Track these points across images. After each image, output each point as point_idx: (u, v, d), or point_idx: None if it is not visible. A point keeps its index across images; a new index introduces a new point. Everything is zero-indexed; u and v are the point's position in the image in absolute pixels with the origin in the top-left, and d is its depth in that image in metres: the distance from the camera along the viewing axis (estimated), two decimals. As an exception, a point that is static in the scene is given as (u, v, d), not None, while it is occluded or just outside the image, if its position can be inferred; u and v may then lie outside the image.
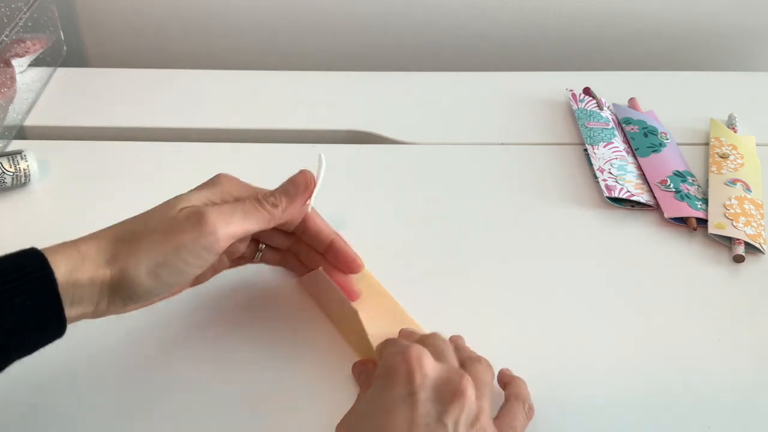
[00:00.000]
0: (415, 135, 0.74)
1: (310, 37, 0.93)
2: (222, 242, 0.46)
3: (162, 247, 0.45)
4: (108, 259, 0.44)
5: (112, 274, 0.44)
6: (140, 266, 0.44)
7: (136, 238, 0.45)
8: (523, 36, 0.92)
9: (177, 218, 0.46)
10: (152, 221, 0.46)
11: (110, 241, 0.45)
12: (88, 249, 0.44)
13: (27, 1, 0.75)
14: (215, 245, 0.46)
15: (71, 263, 0.43)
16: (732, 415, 0.50)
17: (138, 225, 0.46)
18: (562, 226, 0.63)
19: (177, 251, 0.45)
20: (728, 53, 0.94)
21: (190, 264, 0.46)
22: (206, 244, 0.45)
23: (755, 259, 0.60)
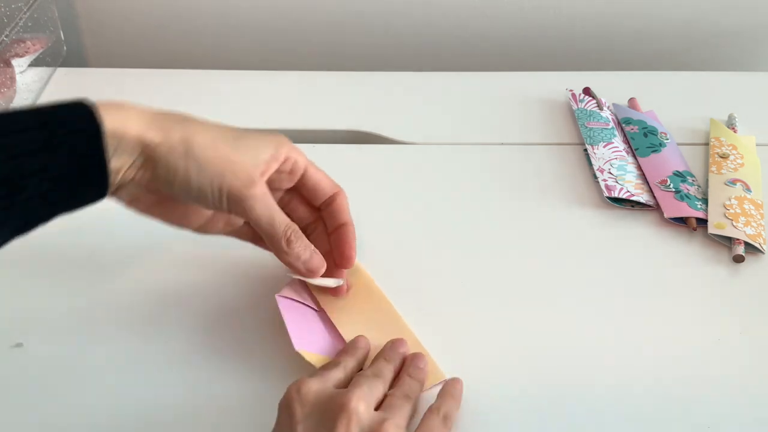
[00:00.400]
0: (415, 135, 0.74)
1: (310, 37, 0.93)
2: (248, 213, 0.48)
3: (210, 163, 0.46)
4: (160, 129, 0.45)
5: (157, 141, 0.45)
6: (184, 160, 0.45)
7: (201, 138, 0.46)
8: (523, 36, 0.92)
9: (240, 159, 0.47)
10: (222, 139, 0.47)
11: (175, 119, 0.46)
12: (150, 111, 0.46)
13: (27, 1, 0.75)
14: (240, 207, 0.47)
15: (120, 116, 0.44)
16: (732, 415, 0.50)
17: (207, 131, 0.47)
18: (562, 226, 0.63)
19: (220, 176, 0.46)
20: (728, 53, 0.94)
21: (214, 198, 0.47)
22: (239, 200, 0.47)
23: (755, 259, 0.60)
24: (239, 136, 0.49)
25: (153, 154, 0.45)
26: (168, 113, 0.47)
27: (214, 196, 0.47)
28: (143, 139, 0.45)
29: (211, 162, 0.46)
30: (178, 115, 0.48)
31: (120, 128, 0.44)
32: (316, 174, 0.54)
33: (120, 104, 0.45)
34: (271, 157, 0.50)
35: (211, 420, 0.49)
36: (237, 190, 0.47)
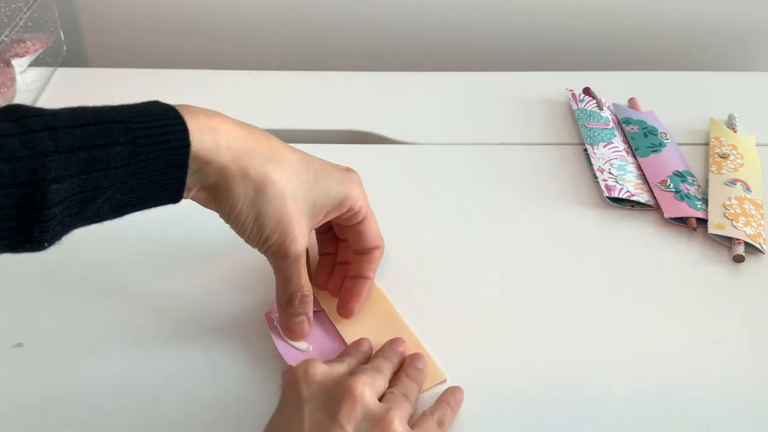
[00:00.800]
0: (415, 135, 0.74)
1: (310, 37, 0.93)
2: (275, 266, 0.50)
3: (270, 218, 0.47)
4: (241, 166, 0.46)
5: (234, 179, 0.46)
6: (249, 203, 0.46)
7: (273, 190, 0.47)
8: (523, 36, 0.92)
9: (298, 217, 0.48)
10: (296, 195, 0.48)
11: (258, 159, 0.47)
12: (237, 141, 0.46)
13: (27, 1, 0.75)
14: (271, 258, 0.50)
15: (211, 142, 0.44)
16: (732, 415, 0.50)
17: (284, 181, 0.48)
18: (562, 226, 0.63)
19: (272, 231, 0.47)
20: (728, 53, 0.94)
21: (258, 244, 0.48)
22: (275, 256, 0.49)
23: (755, 259, 0.60)
24: (315, 182, 0.49)
25: (225, 189, 0.46)
26: (258, 142, 0.47)
27: (259, 244, 0.49)
28: (223, 173, 0.45)
29: (271, 217, 0.47)
30: (266, 149, 0.47)
31: (207, 155, 0.44)
32: (369, 225, 0.54)
33: (213, 124, 0.45)
34: (336, 207, 0.51)
35: (212, 419, 0.49)
36: (279, 248, 0.48)
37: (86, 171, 0.40)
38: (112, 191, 0.42)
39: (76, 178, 0.40)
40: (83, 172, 0.40)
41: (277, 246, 0.48)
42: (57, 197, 0.39)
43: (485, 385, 0.51)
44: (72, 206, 0.41)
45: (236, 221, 0.47)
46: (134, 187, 0.43)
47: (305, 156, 0.50)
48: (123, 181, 0.42)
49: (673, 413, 0.50)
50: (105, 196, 0.42)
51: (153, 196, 0.44)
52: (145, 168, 0.42)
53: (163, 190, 0.44)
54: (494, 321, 0.55)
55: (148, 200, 0.44)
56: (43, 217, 0.39)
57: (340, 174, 0.51)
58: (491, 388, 0.51)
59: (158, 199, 0.45)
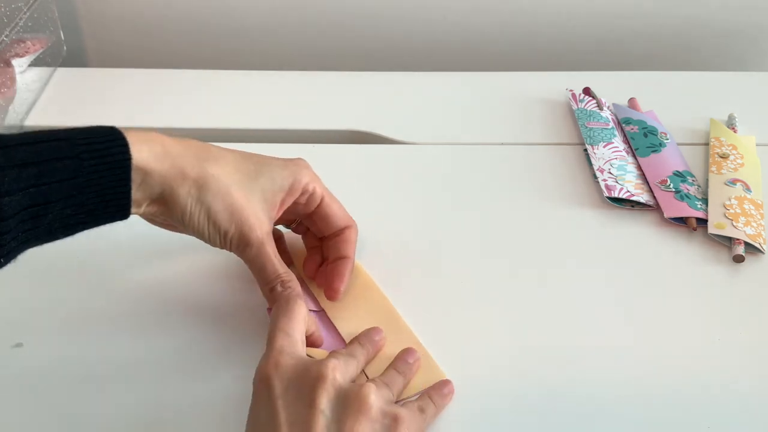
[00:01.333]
0: (415, 135, 0.74)
1: (310, 38, 0.93)
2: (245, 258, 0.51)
3: (221, 212, 0.48)
4: (178, 170, 0.47)
5: (174, 182, 0.47)
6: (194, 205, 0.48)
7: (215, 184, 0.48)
8: (523, 36, 0.92)
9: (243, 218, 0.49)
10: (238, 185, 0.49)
11: (194, 159, 0.48)
12: (173, 147, 0.48)
13: (27, 1, 0.75)
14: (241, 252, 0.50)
15: (148, 151, 0.46)
16: (732, 415, 0.50)
17: (224, 175, 0.49)
18: (562, 226, 0.63)
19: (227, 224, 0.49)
20: (728, 53, 0.94)
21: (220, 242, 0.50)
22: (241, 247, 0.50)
23: (755, 259, 0.60)
24: (257, 172, 0.51)
25: (169, 195, 0.47)
26: (190, 147, 0.49)
27: (221, 241, 0.50)
28: (164, 178, 0.47)
29: (221, 210, 0.49)
30: (200, 151, 0.49)
31: (147, 164, 0.46)
32: (331, 205, 0.54)
33: (149, 136, 0.47)
34: (288, 191, 0.52)
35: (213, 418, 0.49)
36: (240, 239, 0.50)
37: (35, 185, 0.42)
38: (62, 205, 0.44)
39: (27, 192, 0.42)
40: (33, 186, 0.42)
41: (238, 237, 0.49)
42: (10, 210, 0.41)
43: (485, 384, 0.51)
44: (25, 221, 0.42)
45: (191, 224, 0.49)
46: (83, 202, 0.44)
47: (243, 152, 0.52)
48: (71, 195, 0.44)
49: (673, 413, 0.50)
50: (55, 211, 0.43)
51: (101, 212, 0.46)
52: (90, 182, 0.44)
53: (111, 205, 0.46)
54: (494, 321, 0.55)
55: (98, 216, 0.46)
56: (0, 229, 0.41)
57: (282, 161, 0.53)
58: (491, 387, 0.51)
59: (107, 215, 0.46)
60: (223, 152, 0.51)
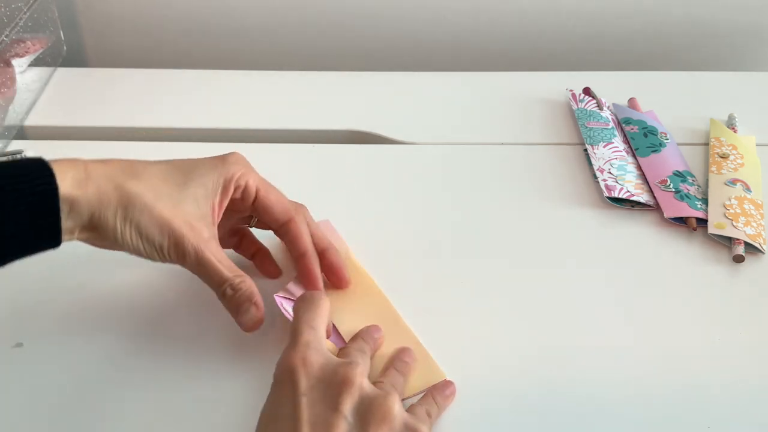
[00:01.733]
0: (415, 135, 0.74)
1: (310, 38, 0.93)
2: (189, 267, 0.50)
3: (150, 226, 0.48)
4: (100, 194, 0.46)
5: (98, 207, 0.46)
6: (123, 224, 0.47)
7: (139, 201, 0.47)
8: (523, 36, 0.92)
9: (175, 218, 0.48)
10: (163, 196, 0.48)
11: (117, 180, 0.47)
12: (96, 171, 0.47)
13: (27, 1, 0.75)
14: (182, 262, 0.49)
15: (72, 179, 0.45)
16: (732, 415, 0.50)
17: (148, 190, 0.48)
18: (562, 226, 0.63)
19: (160, 237, 0.48)
20: (728, 53, 0.94)
21: (160, 256, 0.49)
22: (180, 256, 0.49)
23: (755, 259, 0.60)
24: (186, 180, 0.50)
25: (98, 219, 0.47)
26: (114, 167, 0.48)
27: (159, 255, 0.49)
28: (89, 204, 0.46)
29: (151, 225, 0.48)
30: (123, 170, 0.48)
31: (71, 192, 0.45)
32: (267, 198, 0.53)
33: (73, 164, 0.46)
34: (221, 191, 0.51)
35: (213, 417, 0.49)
36: (176, 250, 0.49)
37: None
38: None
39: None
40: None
41: (174, 249, 0.48)
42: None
43: (485, 384, 0.51)
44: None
45: (125, 244, 0.48)
46: (12, 233, 0.44)
47: (171, 163, 0.51)
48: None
49: (673, 413, 0.50)
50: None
51: (31, 243, 0.45)
52: (16, 213, 0.43)
53: (41, 237, 0.45)
54: (494, 321, 0.55)
55: (27, 247, 0.45)
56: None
57: (212, 162, 0.51)
58: (490, 387, 0.51)
59: (37, 245, 0.46)
60: (149, 166, 0.50)
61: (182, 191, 0.49)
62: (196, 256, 0.49)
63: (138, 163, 0.49)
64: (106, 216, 0.47)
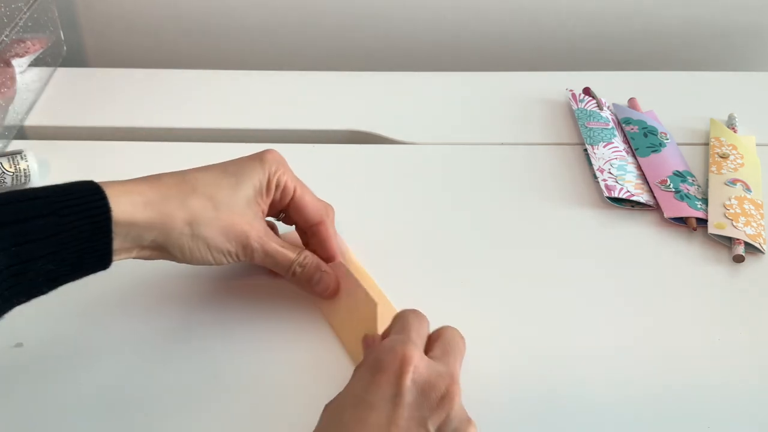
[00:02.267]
0: (415, 135, 0.74)
1: (310, 37, 0.93)
2: (256, 261, 0.52)
3: (216, 237, 0.50)
4: (167, 216, 0.48)
5: (165, 229, 0.48)
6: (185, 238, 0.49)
7: (203, 216, 0.49)
8: (523, 36, 0.92)
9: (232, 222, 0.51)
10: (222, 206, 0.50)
11: (177, 199, 0.49)
12: (153, 192, 0.48)
13: (27, 1, 0.75)
14: (250, 258, 0.52)
15: (129, 204, 0.47)
16: (732, 415, 0.50)
17: (208, 201, 0.50)
18: (562, 226, 0.63)
19: (226, 243, 0.51)
20: (728, 53, 0.94)
21: (228, 260, 0.52)
22: (248, 254, 0.52)
23: (755, 259, 0.60)
24: (237, 182, 0.52)
25: (163, 240, 0.48)
26: (168, 187, 0.49)
27: (227, 260, 0.52)
28: (152, 227, 0.48)
29: (217, 235, 0.50)
30: (179, 188, 0.50)
31: (128, 217, 0.47)
32: (302, 198, 0.55)
33: (125, 188, 0.47)
34: (266, 189, 0.53)
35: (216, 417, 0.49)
36: (244, 251, 0.51)
37: (16, 243, 0.43)
38: (43, 262, 0.44)
39: (8, 251, 0.43)
40: (14, 245, 0.43)
41: (242, 250, 0.51)
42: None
43: (484, 384, 0.51)
44: (7, 279, 0.43)
45: (193, 257, 0.50)
46: (64, 257, 0.45)
47: (217, 168, 0.52)
48: (53, 252, 0.44)
49: (673, 413, 0.50)
50: (37, 267, 0.44)
51: (84, 264, 0.46)
52: (70, 237, 0.45)
53: (93, 257, 0.46)
54: (493, 320, 0.55)
55: (80, 268, 0.46)
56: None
57: (254, 162, 0.53)
58: (490, 387, 0.51)
59: (89, 267, 0.47)
60: (199, 176, 0.51)
61: (235, 194, 0.51)
62: (262, 249, 0.52)
63: (189, 176, 0.51)
64: (171, 236, 0.48)
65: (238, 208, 0.51)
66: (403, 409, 0.41)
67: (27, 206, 0.44)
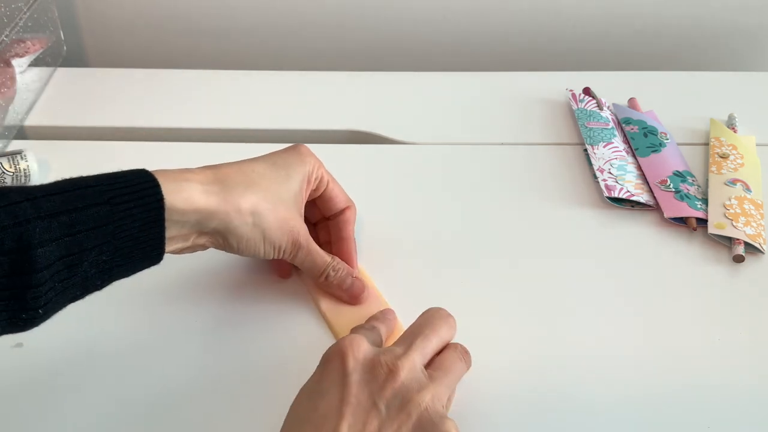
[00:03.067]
0: (415, 135, 0.74)
1: (310, 37, 0.93)
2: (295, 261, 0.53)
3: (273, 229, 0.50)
4: (230, 203, 0.48)
5: (230, 215, 0.48)
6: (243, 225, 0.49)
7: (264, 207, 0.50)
8: (523, 36, 0.92)
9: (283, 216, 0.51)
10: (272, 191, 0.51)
11: (239, 189, 0.49)
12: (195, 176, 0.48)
13: (27, 1, 0.75)
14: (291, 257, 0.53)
15: (176, 189, 0.46)
16: (732, 415, 0.50)
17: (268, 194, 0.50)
18: (561, 226, 0.63)
19: (279, 238, 0.51)
20: (728, 53, 0.94)
21: (274, 255, 0.52)
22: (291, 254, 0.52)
23: (755, 259, 0.60)
24: (286, 176, 0.52)
25: (224, 227, 0.48)
26: (228, 175, 0.49)
27: (274, 254, 0.52)
28: (215, 214, 0.48)
29: (273, 228, 0.50)
30: (239, 178, 0.50)
31: (183, 204, 0.46)
32: (334, 189, 0.56)
33: (183, 175, 0.47)
34: (307, 185, 0.54)
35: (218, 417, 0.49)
36: (292, 247, 0.52)
37: (69, 234, 0.42)
38: (96, 252, 0.43)
39: (61, 241, 0.42)
40: (66, 235, 0.42)
41: (291, 246, 0.52)
42: (44, 261, 0.41)
43: (484, 384, 0.51)
44: (61, 270, 0.42)
45: (247, 248, 0.50)
46: (117, 246, 0.44)
47: (267, 160, 0.53)
48: (106, 241, 0.44)
49: (673, 413, 0.50)
50: (90, 258, 0.43)
51: (137, 254, 0.46)
52: (123, 226, 0.44)
53: (146, 247, 0.46)
54: (493, 321, 0.55)
55: (133, 258, 0.46)
56: (33, 282, 0.41)
57: (294, 156, 0.54)
58: (490, 387, 0.51)
59: (143, 258, 0.46)
60: (255, 167, 0.51)
61: (287, 188, 0.52)
62: (307, 247, 0.53)
63: (245, 166, 0.51)
64: (234, 224, 0.48)
65: (290, 203, 0.52)
66: (351, 387, 0.43)
67: (79, 195, 0.43)
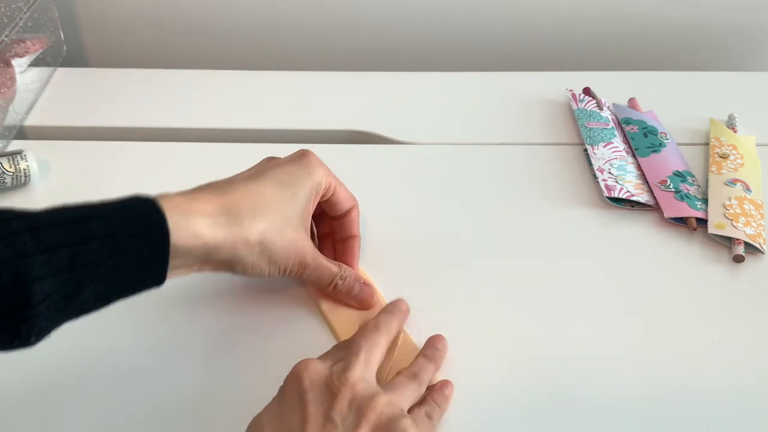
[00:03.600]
0: (415, 135, 0.74)
1: (310, 37, 0.93)
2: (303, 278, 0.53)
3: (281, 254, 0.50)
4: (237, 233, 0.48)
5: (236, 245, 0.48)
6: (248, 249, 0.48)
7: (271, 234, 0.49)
8: (523, 36, 0.92)
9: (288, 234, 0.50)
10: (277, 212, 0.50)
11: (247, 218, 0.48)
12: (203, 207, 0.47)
13: (27, 1, 0.75)
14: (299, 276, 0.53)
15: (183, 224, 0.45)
16: (732, 415, 0.50)
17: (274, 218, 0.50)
18: (561, 226, 0.63)
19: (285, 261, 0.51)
20: (728, 53, 0.94)
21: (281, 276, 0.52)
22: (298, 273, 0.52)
23: (755, 259, 0.60)
24: (291, 192, 0.51)
25: (230, 257, 0.48)
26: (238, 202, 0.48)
27: (280, 275, 0.51)
28: (222, 247, 0.47)
29: (280, 253, 0.50)
30: (243, 207, 0.49)
31: (189, 240, 0.45)
32: (340, 193, 0.56)
33: (190, 206, 0.46)
34: (314, 198, 0.54)
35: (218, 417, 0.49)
36: (299, 267, 0.52)
37: (68, 268, 0.41)
38: (96, 284, 0.42)
39: (59, 276, 0.40)
40: (65, 269, 0.41)
41: (297, 266, 0.52)
42: (41, 295, 0.40)
43: (484, 384, 0.51)
44: (57, 302, 0.41)
45: (253, 272, 0.50)
46: (117, 278, 0.43)
47: (273, 176, 0.52)
48: (106, 274, 0.42)
49: (673, 413, 0.50)
50: (88, 289, 0.42)
51: (137, 284, 0.45)
52: (126, 261, 0.43)
53: (147, 278, 0.45)
54: (493, 321, 0.55)
55: (133, 289, 0.45)
56: (27, 316, 0.40)
57: (300, 169, 0.53)
58: (490, 387, 0.51)
59: (141, 287, 0.45)
60: (264, 187, 0.50)
61: (294, 208, 0.51)
62: (314, 265, 0.52)
63: (253, 191, 0.50)
64: (240, 254, 0.48)
65: (296, 222, 0.51)
66: (309, 406, 0.43)
67: (81, 227, 0.42)
